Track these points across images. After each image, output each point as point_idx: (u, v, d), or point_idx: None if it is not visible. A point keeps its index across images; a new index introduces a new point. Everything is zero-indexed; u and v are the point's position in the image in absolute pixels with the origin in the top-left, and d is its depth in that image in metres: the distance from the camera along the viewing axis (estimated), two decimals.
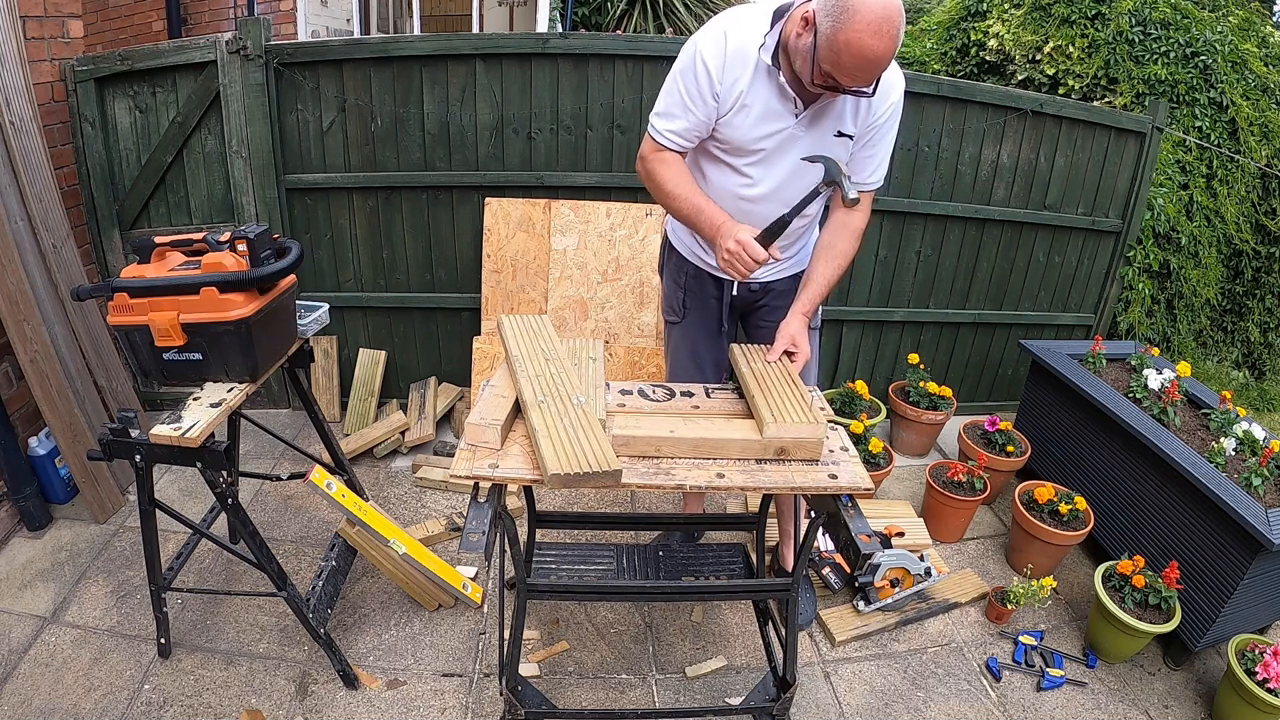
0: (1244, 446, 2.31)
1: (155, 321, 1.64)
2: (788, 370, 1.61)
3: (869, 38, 1.33)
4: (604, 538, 2.55)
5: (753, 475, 1.37)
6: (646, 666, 2.12)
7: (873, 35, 1.32)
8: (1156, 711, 2.10)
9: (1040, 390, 3.00)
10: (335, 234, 3.01)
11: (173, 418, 1.63)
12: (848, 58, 1.36)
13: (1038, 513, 2.50)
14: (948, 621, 2.36)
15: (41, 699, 1.88)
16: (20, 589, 2.22)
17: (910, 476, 3.09)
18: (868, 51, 1.34)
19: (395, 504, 2.73)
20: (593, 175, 2.95)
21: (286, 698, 1.94)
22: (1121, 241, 3.43)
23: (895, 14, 1.34)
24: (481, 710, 1.95)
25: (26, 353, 2.27)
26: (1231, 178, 3.87)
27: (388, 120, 2.84)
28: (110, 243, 2.93)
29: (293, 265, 1.75)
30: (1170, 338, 3.86)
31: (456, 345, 3.20)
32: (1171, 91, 3.90)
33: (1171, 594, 2.13)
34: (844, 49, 1.35)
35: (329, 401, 3.17)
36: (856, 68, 1.38)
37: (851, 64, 1.37)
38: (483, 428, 1.38)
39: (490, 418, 1.40)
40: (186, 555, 2.10)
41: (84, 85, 2.70)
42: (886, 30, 1.33)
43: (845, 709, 2.03)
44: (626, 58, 2.80)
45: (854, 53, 1.35)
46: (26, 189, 2.32)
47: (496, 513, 1.35)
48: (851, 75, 1.40)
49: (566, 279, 2.95)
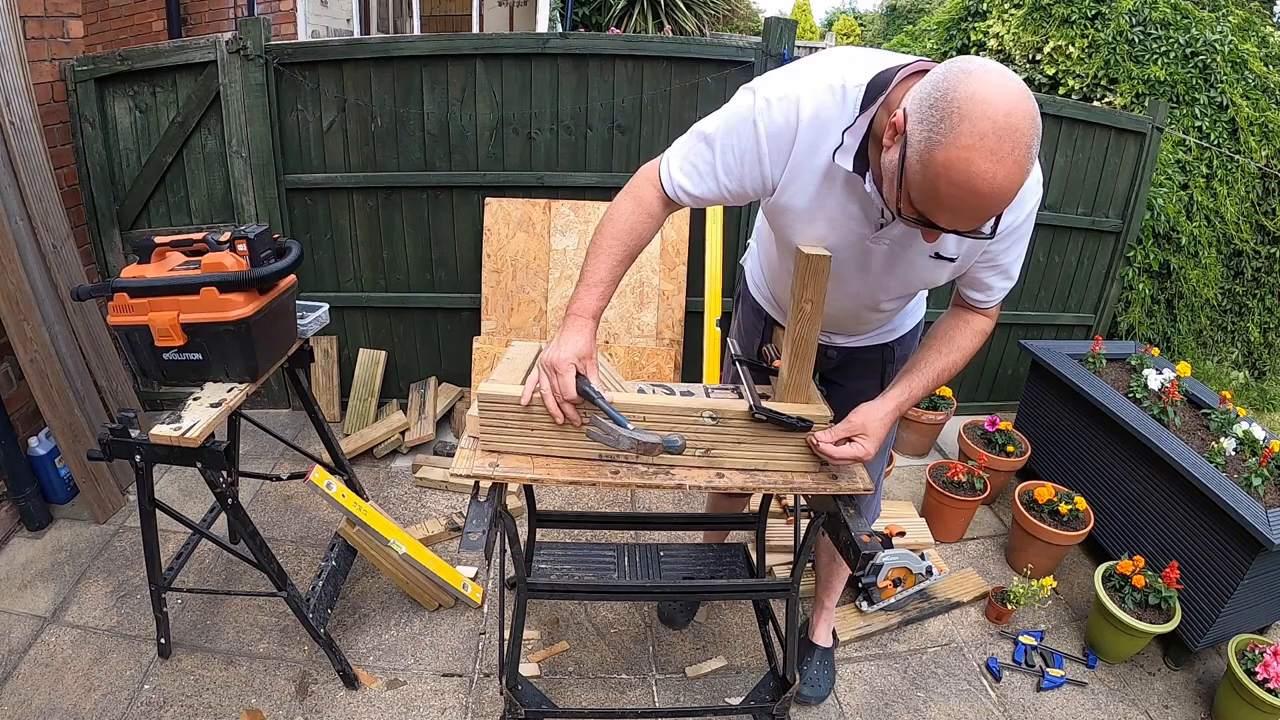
0: (1244, 446, 2.31)
1: (155, 321, 1.64)
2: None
3: (981, 159, 0.90)
4: (604, 537, 2.55)
5: (753, 475, 1.37)
6: (646, 666, 2.12)
7: (987, 156, 0.90)
8: (1156, 711, 2.10)
9: (1040, 390, 3.00)
10: (335, 234, 3.01)
11: (173, 418, 1.63)
12: (948, 187, 0.94)
13: (1038, 513, 2.50)
14: (948, 621, 2.36)
15: (41, 699, 1.88)
16: (20, 589, 2.22)
17: (910, 476, 3.09)
18: (978, 181, 0.91)
19: (395, 504, 2.73)
20: (593, 175, 2.95)
21: (286, 698, 1.94)
22: (1121, 241, 3.43)
23: (1026, 124, 0.90)
24: (481, 710, 1.94)
25: (26, 353, 2.27)
26: (1231, 178, 3.87)
27: (388, 120, 2.84)
28: (110, 243, 2.93)
29: (293, 265, 1.75)
30: (1170, 338, 3.87)
31: (456, 345, 3.20)
32: (1171, 91, 3.91)
33: (1171, 594, 2.13)
34: (943, 174, 0.93)
35: (329, 401, 3.17)
36: (960, 204, 0.95)
37: (953, 197, 0.95)
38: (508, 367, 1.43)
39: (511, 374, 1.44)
40: (186, 555, 2.10)
41: (84, 85, 2.70)
42: (1008, 150, 0.90)
43: (845, 709, 2.03)
44: (626, 58, 2.79)
45: (957, 181, 0.92)
46: (26, 189, 2.33)
47: (496, 512, 1.35)
48: (952, 213, 0.98)
49: (567, 279, 2.94)
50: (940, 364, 1.39)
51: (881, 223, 1.21)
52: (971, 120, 0.90)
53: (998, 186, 0.92)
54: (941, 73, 0.96)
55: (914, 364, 1.41)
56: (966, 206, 0.95)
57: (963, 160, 0.91)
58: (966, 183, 0.92)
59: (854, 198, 1.19)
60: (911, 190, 1.00)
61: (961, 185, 0.92)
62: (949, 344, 1.39)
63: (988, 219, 0.99)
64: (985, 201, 0.94)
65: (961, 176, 0.92)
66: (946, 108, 0.92)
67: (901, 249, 1.25)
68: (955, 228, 1.01)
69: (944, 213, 0.99)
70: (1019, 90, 0.91)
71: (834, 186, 1.18)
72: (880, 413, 1.34)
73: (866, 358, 1.61)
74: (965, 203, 0.95)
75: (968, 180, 0.92)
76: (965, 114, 0.90)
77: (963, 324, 1.41)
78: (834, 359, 1.63)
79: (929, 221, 1.02)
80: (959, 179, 0.92)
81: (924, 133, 0.94)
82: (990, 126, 0.89)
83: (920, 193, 0.99)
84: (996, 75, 0.92)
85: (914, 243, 1.23)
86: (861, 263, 1.29)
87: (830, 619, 2.15)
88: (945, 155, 0.92)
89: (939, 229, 1.03)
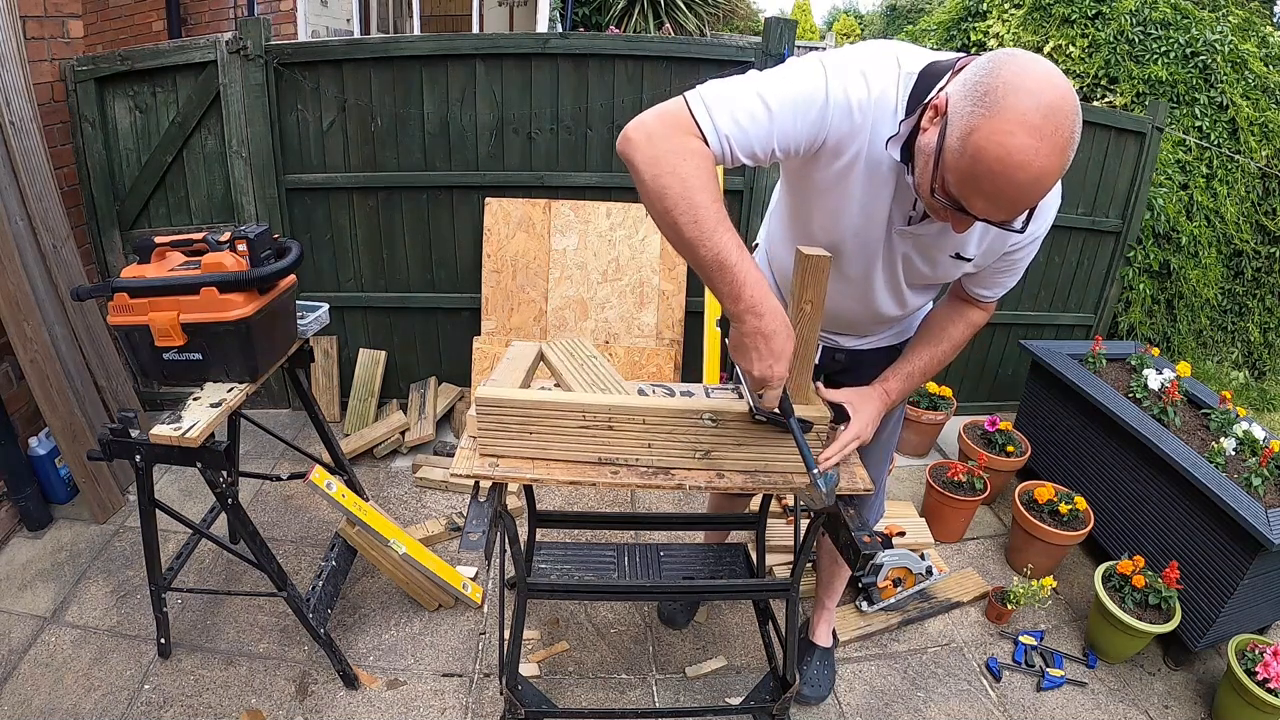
0: (1244, 446, 2.31)
1: (155, 321, 1.64)
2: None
3: (1025, 135, 0.88)
4: (604, 537, 2.55)
5: (753, 476, 1.37)
6: (646, 666, 2.12)
7: (1031, 133, 0.88)
8: (1156, 711, 2.10)
9: (1040, 390, 3.00)
10: (335, 234, 3.01)
11: (173, 418, 1.63)
12: (985, 168, 0.91)
13: (1038, 513, 2.50)
14: (948, 621, 2.36)
15: (41, 699, 1.88)
16: (20, 589, 2.22)
17: (910, 477, 3.09)
18: (1018, 157, 0.89)
19: (395, 504, 2.73)
20: (593, 175, 2.95)
21: (286, 698, 1.94)
22: (1122, 241, 3.43)
23: (1070, 109, 0.89)
24: (481, 710, 1.94)
25: (26, 353, 2.27)
26: (1231, 178, 3.87)
27: (388, 120, 2.84)
28: (110, 243, 2.93)
29: (293, 265, 1.75)
30: (1170, 338, 3.87)
31: (456, 345, 3.20)
32: (1171, 91, 3.90)
33: (1171, 594, 2.13)
34: (980, 154, 0.91)
35: (329, 401, 3.17)
36: (997, 187, 0.92)
37: (991, 180, 0.92)
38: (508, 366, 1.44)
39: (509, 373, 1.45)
40: (186, 555, 2.10)
41: (84, 85, 2.70)
42: (1051, 130, 0.88)
43: (845, 709, 2.03)
44: (626, 58, 2.80)
45: (998, 156, 0.90)
46: (26, 189, 2.33)
47: (497, 512, 1.35)
48: (988, 199, 0.95)
49: (566, 279, 2.95)
50: (935, 356, 1.43)
51: (912, 215, 1.18)
52: (1017, 96, 0.88)
53: (1037, 168, 0.89)
54: (989, 57, 0.95)
55: (907, 356, 1.44)
56: (1001, 189, 0.93)
57: (1005, 134, 0.88)
58: (1007, 157, 0.89)
59: (892, 187, 1.15)
60: (948, 172, 0.97)
61: (1002, 160, 0.90)
62: (942, 336, 1.43)
63: (1023, 209, 0.97)
64: (1024, 185, 0.91)
65: (1003, 151, 0.89)
66: (991, 84, 0.90)
67: (925, 246, 1.24)
68: (988, 216, 0.98)
69: (979, 197, 0.96)
70: (1065, 81, 0.91)
71: (878, 172, 1.14)
72: (870, 395, 1.39)
73: (874, 360, 1.60)
74: (1001, 186, 0.92)
75: (1008, 155, 0.89)
76: (1011, 89, 0.88)
77: (958, 316, 1.43)
78: (841, 361, 1.62)
79: (961, 207, 0.99)
80: (1000, 153, 0.89)
81: (967, 109, 0.92)
82: (1034, 104, 0.87)
83: (957, 174, 0.96)
84: (1044, 64, 0.91)
85: (937, 240, 1.21)
86: (885, 256, 1.27)
87: (830, 619, 2.15)
88: (988, 129, 0.89)
89: (971, 216, 0.99)
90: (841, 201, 1.20)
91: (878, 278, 1.33)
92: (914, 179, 1.08)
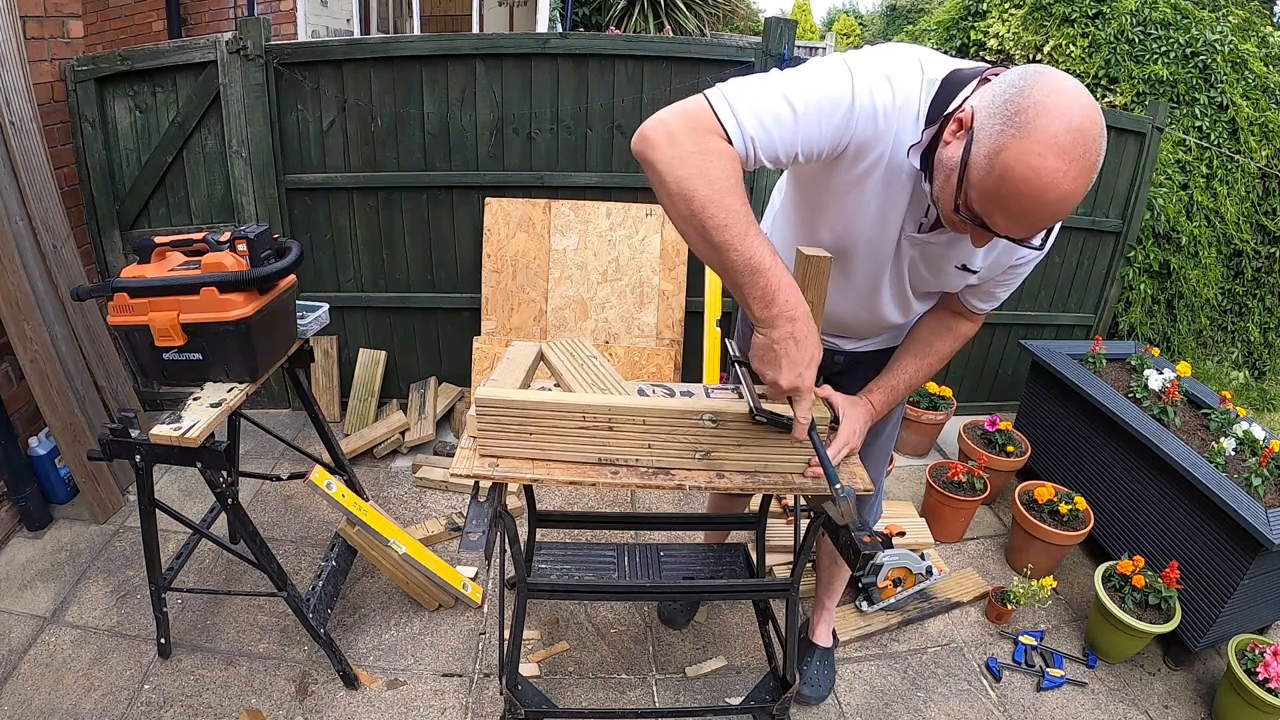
0: (1244, 446, 2.31)
1: (155, 321, 1.64)
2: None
3: (1054, 157, 0.88)
4: (604, 537, 2.55)
5: (753, 476, 1.37)
6: (646, 666, 2.12)
7: (1060, 155, 0.88)
8: (1156, 711, 2.10)
9: (1040, 390, 3.00)
10: (335, 234, 3.01)
11: (173, 418, 1.63)
12: (1013, 188, 0.91)
13: (1038, 513, 2.50)
14: (948, 621, 2.36)
15: (41, 699, 1.88)
16: (20, 589, 2.22)
17: (910, 477, 3.09)
18: (1046, 177, 0.89)
19: (395, 504, 2.73)
20: (593, 175, 2.95)
21: (286, 698, 1.94)
22: (1122, 241, 3.43)
23: (1098, 133, 0.89)
24: (481, 710, 1.94)
25: (26, 353, 2.27)
26: (1231, 178, 3.87)
27: (388, 120, 2.84)
28: (110, 243, 2.93)
29: (293, 265, 1.75)
30: (1170, 338, 3.87)
31: (456, 345, 3.20)
32: (1171, 91, 3.91)
33: (1171, 594, 2.13)
34: (1009, 173, 0.91)
35: (329, 401, 3.17)
36: (1024, 207, 0.93)
37: (1018, 200, 0.92)
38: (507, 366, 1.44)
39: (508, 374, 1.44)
40: (186, 555, 2.10)
41: (84, 85, 2.70)
42: (1080, 152, 0.89)
43: (845, 709, 2.03)
44: (626, 58, 2.79)
45: (1026, 177, 0.90)
46: (26, 189, 2.33)
47: (497, 512, 1.35)
48: (1011, 217, 0.95)
49: (566, 279, 2.95)
50: (920, 370, 1.42)
51: (923, 223, 1.18)
52: (1049, 117, 0.88)
53: (1064, 190, 0.90)
54: (1018, 74, 0.94)
55: (893, 368, 1.43)
56: (1027, 210, 0.93)
57: (1034, 155, 0.89)
58: (1035, 178, 0.89)
59: (909, 194, 1.15)
60: (972, 189, 0.97)
61: (1030, 181, 0.90)
62: (928, 349, 1.42)
63: (1044, 227, 0.97)
64: (1048, 205, 0.92)
65: (1031, 172, 0.89)
66: (1023, 104, 0.90)
67: (932, 254, 1.23)
68: (1009, 233, 0.98)
69: (1002, 215, 0.96)
70: (1092, 102, 0.91)
71: (896, 178, 1.13)
72: (857, 401, 1.37)
73: (873, 362, 1.60)
74: (1028, 206, 0.92)
75: (1036, 176, 0.89)
76: (1043, 110, 0.88)
77: (945, 330, 1.42)
78: (840, 363, 1.62)
79: (983, 223, 0.99)
80: (1028, 174, 0.90)
81: (996, 127, 0.92)
82: (1064, 126, 0.88)
83: (982, 191, 0.96)
84: (1073, 83, 0.91)
85: (945, 250, 1.21)
86: (893, 263, 1.27)
87: (830, 619, 2.15)
88: (1018, 149, 0.89)
89: (992, 233, 0.99)
90: (857, 207, 1.18)
91: (885, 284, 1.32)
92: (932, 189, 1.08)
